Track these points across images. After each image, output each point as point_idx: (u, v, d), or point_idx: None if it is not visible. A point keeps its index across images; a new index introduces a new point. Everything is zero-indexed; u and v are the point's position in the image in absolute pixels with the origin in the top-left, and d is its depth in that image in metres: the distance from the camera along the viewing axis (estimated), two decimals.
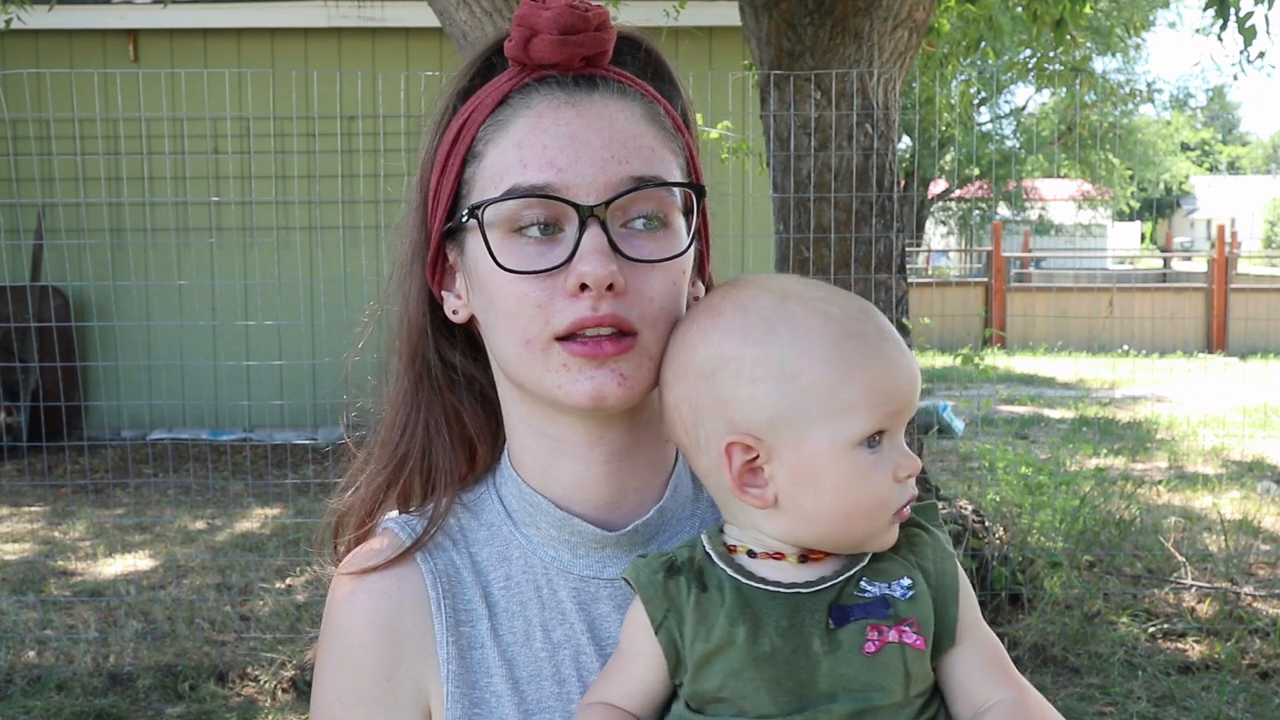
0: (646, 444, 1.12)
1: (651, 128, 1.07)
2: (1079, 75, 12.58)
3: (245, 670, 4.93)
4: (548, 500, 1.11)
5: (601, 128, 1.04)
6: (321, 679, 1.14)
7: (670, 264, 1.05)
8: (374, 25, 10.10)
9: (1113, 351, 16.59)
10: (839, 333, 0.99)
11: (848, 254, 5.28)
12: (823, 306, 1.01)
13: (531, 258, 1.03)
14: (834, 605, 0.99)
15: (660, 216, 1.06)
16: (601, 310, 1.01)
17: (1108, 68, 24.82)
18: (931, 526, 1.06)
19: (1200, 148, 60.40)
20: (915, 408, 1.03)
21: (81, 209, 8.33)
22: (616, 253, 1.02)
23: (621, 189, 1.03)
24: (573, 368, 1.03)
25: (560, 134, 1.03)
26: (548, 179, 1.02)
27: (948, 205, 28.81)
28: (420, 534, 1.13)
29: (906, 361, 1.01)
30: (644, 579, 1.03)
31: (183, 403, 8.90)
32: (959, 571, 1.05)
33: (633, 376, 1.04)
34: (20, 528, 7.32)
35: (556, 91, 1.05)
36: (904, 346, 1.01)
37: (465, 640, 1.10)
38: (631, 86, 1.09)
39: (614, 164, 1.03)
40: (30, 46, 9.83)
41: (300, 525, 6.69)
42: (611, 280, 1.00)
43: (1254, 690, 4.83)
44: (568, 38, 1.05)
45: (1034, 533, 5.92)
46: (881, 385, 0.99)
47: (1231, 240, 19.14)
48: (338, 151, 8.40)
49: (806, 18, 5.21)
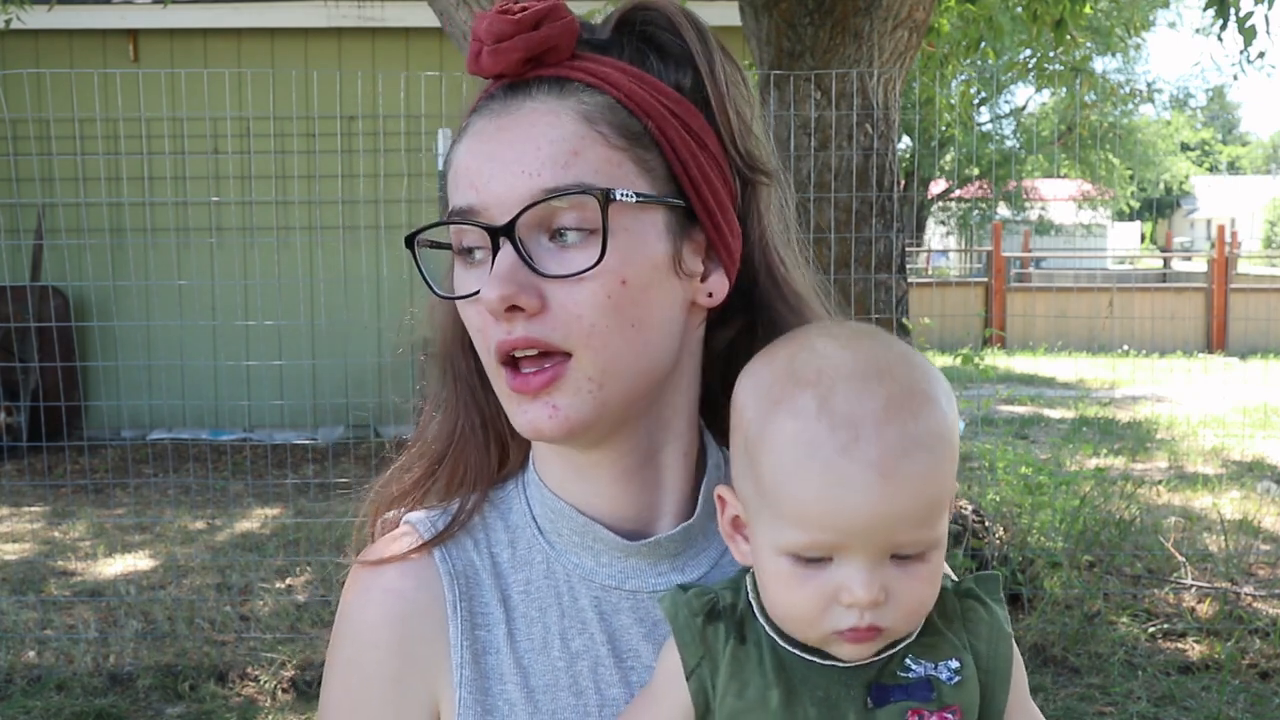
0: (664, 457, 1.09)
1: (579, 126, 0.99)
2: (1079, 75, 12.59)
3: (245, 670, 4.93)
4: (570, 506, 1.08)
5: (517, 140, 0.99)
6: (331, 675, 1.12)
7: (599, 276, 0.97)
8: (374, 25, 10.11)
9: (1113, 351, 16.59)
10: (811, 442, 0.90)
11: (848, 254, 5.28)
12: (828, 403, 0.91)
13: (462, 283, 1.03)
14: (874, 684, 0.94)
15: (590, 226, 0.98)
16: (516, 334, 0.99)
17: (1108, 68, 24.84)
18: (990, 601, 1.00)
19: (1200, 148, 60.40)
20: (880, 539, 0.90)
21: (81, 209, 8.32)
22: (534, 271, 0.98)
23: (531, 202, 0.97)
24: (509, 399, 1.02)
25: (482, 153, 1.01)
26: (469, 201, 1.00)
27: (948, 205, 28.82)
28: (441, 531, 1.11)
29: (870, 495, 0.88)
30: (682, 621, 0.98)
31: (183, 403, 8.90)
32: (1013, 653, 1.00)
33: (567, 406, 1.00)
34: (20, 528, 7.32)
35: (492, 105, 1.03)
36: (886, 475, 0.88)
37: (481, 645, 1.07)
38: (577, 79, 1.01)
39: (524, 179, 0.98)
40: (30, 46, 9.83)
41: (300, 525, 6.68)
42: (511, 302, 0.97)
43: (1254, 690, 4.83)
44: (499, 46, 1.01)
45: (1034, 533, 5.92)
46: (822, 515, 0.90)
47: (1231, 240, 19.14)
48: (338, 151, 8.40)
49: (806, 18, 5.21)
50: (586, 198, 0.97)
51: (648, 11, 1.07)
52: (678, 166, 1.03)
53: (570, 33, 1.02)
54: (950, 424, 0.93)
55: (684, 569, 1.09)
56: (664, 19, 1.07)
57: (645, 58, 1.06)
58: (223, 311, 9.18)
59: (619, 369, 1.00)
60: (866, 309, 5.27)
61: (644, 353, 1.02)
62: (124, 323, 8.62)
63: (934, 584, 0.94)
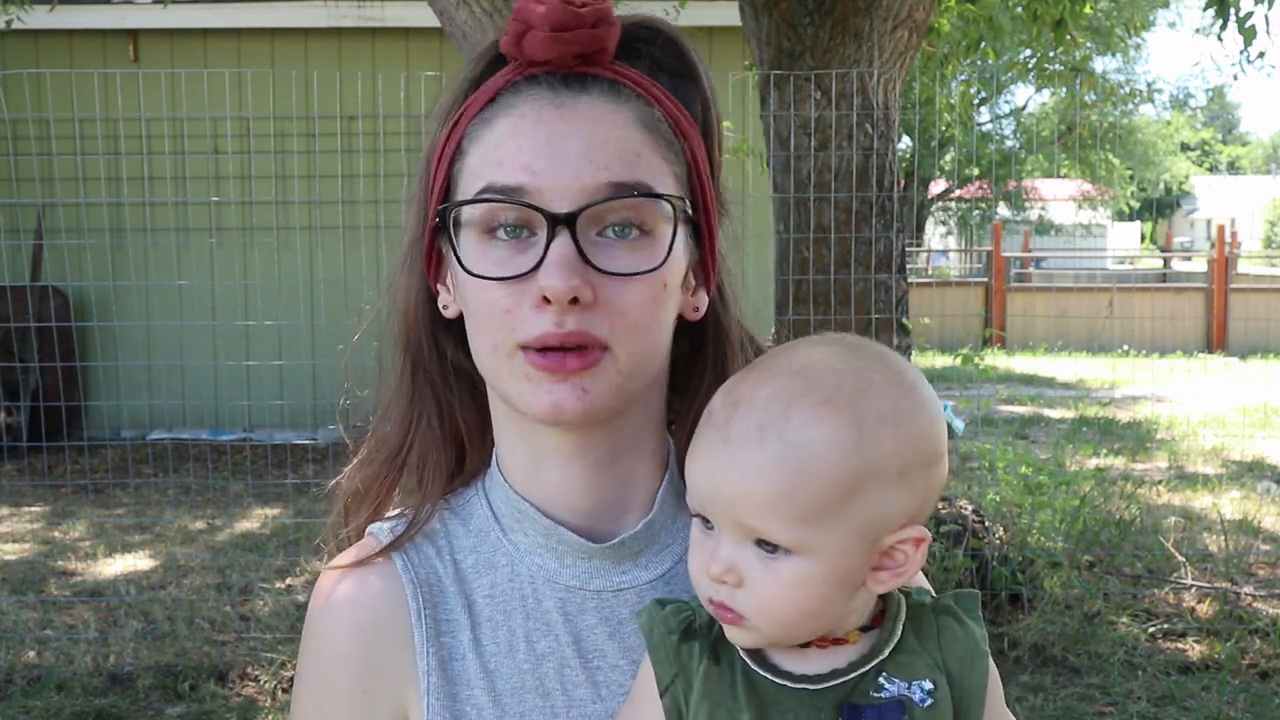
0: (633, 453, 1.10)
1: (642, 133, 1.02)
2: (1079, 75, 12.59)
3: (245, 670, 4.94)
4: (534, 507, 1.09)
5: (583, 131, 1.00)
6: (299, 687, 1.13)
7: (649, 276, 1.01)
8: (374, 25, 10.11)
9: (1113, 351, 16.59)
10: (710, 409, 0.98)
11: (848, 254, 5.28)
12: (743, 382, 0.97)
13: (500, 262, 1.01)
14: (846, 704, 0.94)
15: (640, 225, 1.01)
16: (567, 327, 0.98)
17: (1108, 68, 24.84)
18: (968, 619, 1.00)
19: (1200, 148, 60.41)
20: (725, 513, 0.94)
21: (81, 209, 8.33)
22: (587, 263, 0.98)
23: (597, 197, 0.99)
24: (534, 379, 1.01)
25: (538, 136, 1.00)
26: (521, 182, 0.99)
27: (948, 205, 28.82)
28: (399, 537, 1.11)
29: (714, 461, 0.94)
30: (657, 638, 0.99)
31: (183, 403, 8.90)
32: (989, 671, 1.00)
33: (595, 390, 1.01)
34: (20, 528, 7.32)
35: (543, 91, 1.02)
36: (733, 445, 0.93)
37: (446, 651, 1.08)
38: (628, 87, 1.04)
39: (591, 170, 0.99)
40: (30, 46, 9.83)
41: (300, 525, 6.68)
42: (575, 294, 0.97)
43: (1254, 690, 4.83)
44: (559, 34, 1.01)
45: (1034, 533, 5.92)
46: (694, 477, 0.97)
47: (1231, 240, 19.14)
48: (338, 151, 8.40)
49: (806, 18, 5.20)
50: (646, 200, 1.00)
51: (653, 32, 1.10)
52: (696, 186, 1.08)
53: (616, 38, 1.05)
54: (834, 447, 0.91)
55: (647, 565, 1.10)
56: (670, 43, 1.10)
57: (657, 76, 1.09)
58: (223, 311, 9.19)
59: (640, 366, 1.03)
60: (866, 309, 5.27)
61: (656, 353, 1.06)
62: (124, 323, 8.63)
63: (800, 592, 0.93)
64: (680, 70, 1.10)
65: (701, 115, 1.10)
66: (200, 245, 9.00)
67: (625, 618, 1.08)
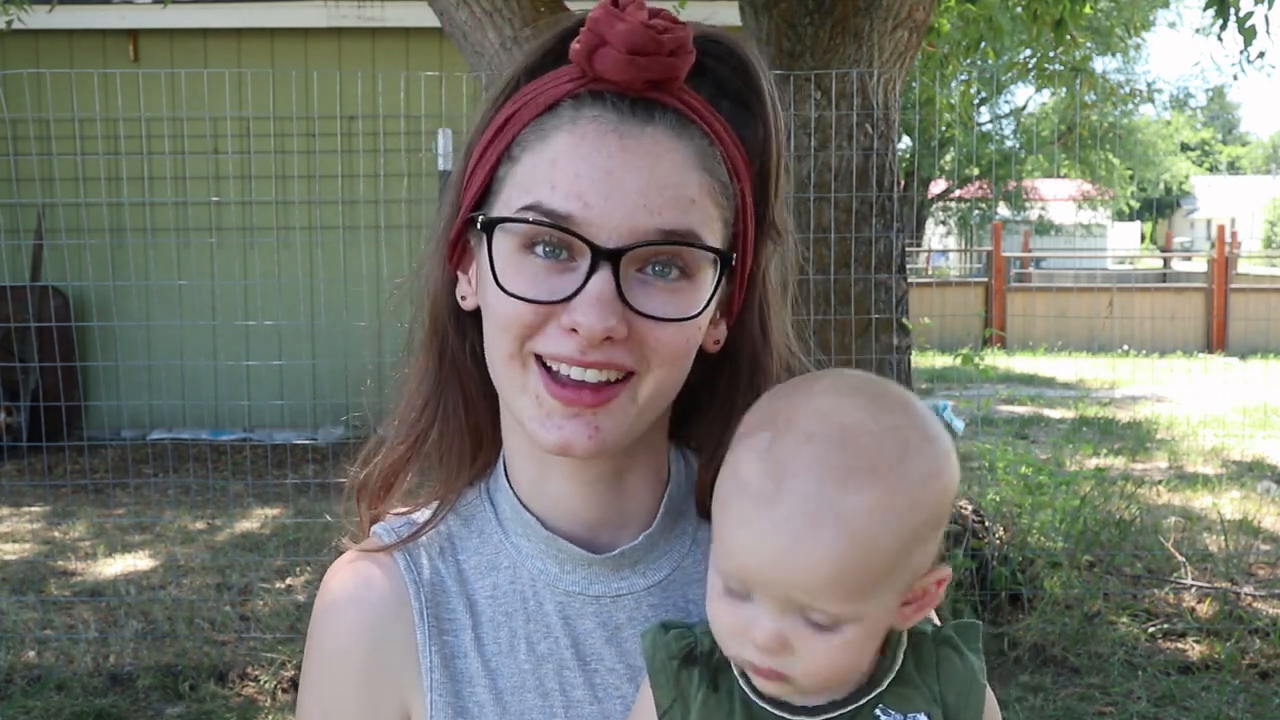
0: (639, 468, 1.11)
1: (698, 174, 1.00)
2: (1079, 75, 12.59)
3: (245, 670, 4.93)
4: (536, 518, 1.10)
5: (643, 168, 0.97)
6: (305, 684, 1.14)
7: (682, 322, 1.00)
8: (374, 25, 10.11)
9: (1113, 351, 16.58)
10: (743, 480, 0.92)
11: (848, 254, 5.28)
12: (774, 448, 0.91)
13: (535, 279, 0.99)
14: None
15: (683, 268, 1.00)
16: (590, 357, 0.98)
17: (1108, 68, 24.85)
18: (968, 650, 0.99)
19: (1200, 148, 60.40)
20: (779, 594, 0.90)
21: (81, 209, 8.32)
22: (624, 302, 0.97)
23: (646, 239, 0.97)
24: (544, 406, 1.00)
25: (597, 165, 0.97)
26: (572, 211, 0.97)
27: (948, 205, 28.82)
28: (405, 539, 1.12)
29: (768, 550, 0.89)
30: (658, 663, 0.99)
31: (183, 403, 8.90)
32: (986, 702, 1.00)
33: (607, 428, 1.00)
34: (20, 528, 7.32)
35: (609, 114, 0.99)
36: (788, 535, 0.88)
37: (449, 650, 1.09)
38: (694, 122, 1.01)
39: (644, 213, 0.97)
40: (30, 46, 9.83)
41: (300, 525, 6.69)
42: (609, 334, 0.97)
43: (1254, 690, 4.83)
44: (635, 59, 0.97)
45: (1034, 533, 5.92)
46: (731, 553, 0.92)
47: (1231, 240, 19.14)
48: (338, 151, 8.40)
49: (806, 18, 5.20)
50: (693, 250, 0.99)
51: (725, 51, 1.07)
52: (740, 230, 1.06)
53: (689, 66, 1.01)
54: (895, 510, 0.90)
55: (645, 573, 1.11)
56: (741, 67, 1.07)
57: (719, 103, 1.06)
58: (223, 311, 9.18)
59: (658, 398, 1.03)
60: (866, 309, 5.27)
61: (677, 382, 1.05)
62: (124, 323, 8.62)
63: (849, 654, 0.93)
64: (745, 96, 1.07)
65: (761, 143, 1.08)
66: (200, 245, 9.00)
67: (623, 622, 1.09)
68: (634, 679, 1.07)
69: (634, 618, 1.09)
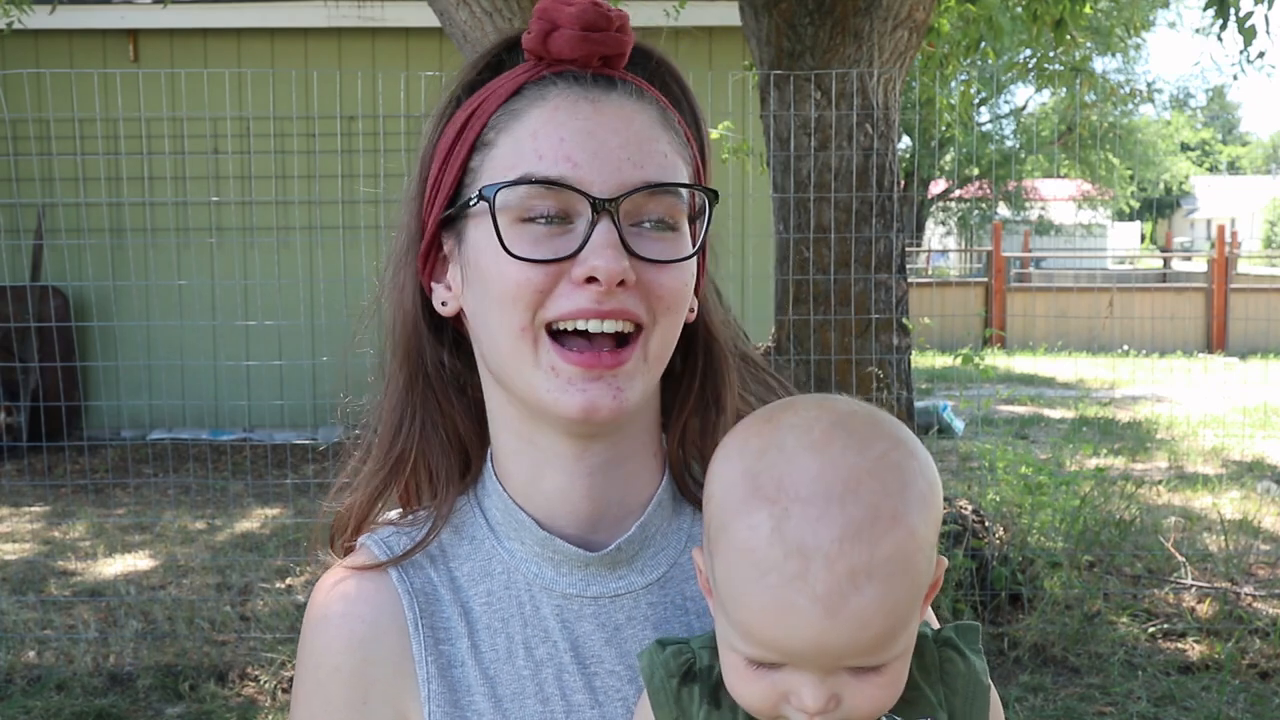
0: (634, 456, 1.10)
1: (666, 133, 1.06)
2: (1079, 75, 12.57)
3: (245, 670, 4.94)
4: (530, 518, 1.09)
5: (619, 127, 1.03)
6: (297, 701, 1.13)
7: (681, 265, 1.05)
8: (374, 25, 10.11)
9: (1113, 351, 16.59)
10: (761, 564, 0.89)
11: (848, 254, 5.28)
12: (783, 526, 0.88)
13: (539, 245, 1.01)
14: None
15: (669, 221, 1.04)
16: (606, 305, 1.00)
17: (1108, 68, 24.84)
18: (969, 652, 1.00)
19: (1200, 148, 60.38)
20: (828, 663, 0.89)
21: (81, 209, 8.33)
22: (627, 250, 1.00)
23: (638, 187, 1.02)
24: (563, 374, 1.01)
25: (577, 128, 1.02)
26: (562, 172, 1.00)
27: (948, 205, 28.83)
28: (398, 554, 1.11)
29: (814, 628, 0.87)
30: (657, 682, 0.98)
31: (183, 403, 8.91)
32: (990, 705, 1.00)
33: (628, 388, 1.02)
34: (20, 528, 7.32)
35: (574, 86, 1.04)
36: (832, 610, 0.87)
37: (445, 659, 1.08)
38: (648, 91, 1.08)
39: (629, 166, 1.02)
40: (30, 46, 9.83)
41: (300, 525, 6.69)
42: (624, 276, 0.99)
43: (1254, 690, 4.83)
44: (589, 34, 1.04)
45: (1034, 533, 5.92)
46: (767, 638, 0.89)
47: (1231, 240, 19.14)
48: (338, 151, 8.40)
49: (806, 18, 5.21)
50: (677, 200, 1.05)
51: (647, 54, 1.13)
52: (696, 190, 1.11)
53: (631, 44, 1.09)
54: (918, 535, 0.90)
55: (643, 570, 1.10)
56: (663, 63, 1.14)
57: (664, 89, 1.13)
58: (223, 311, 9.19)
59: (663, 352, 1.06)
60: (866, 309, 5.27)
61: (674, 342, 1.07)
62: (124, 323, 8.63)
63: (894, 687, 0.93)
64: (671, 86, 1.14)
65: (695, 121, 1.14)
66: (200, 245, 9.00)
67: (622, 622, 1.08)
68: (635, 680, 1.07)
69: (633, 617, 1.09)
